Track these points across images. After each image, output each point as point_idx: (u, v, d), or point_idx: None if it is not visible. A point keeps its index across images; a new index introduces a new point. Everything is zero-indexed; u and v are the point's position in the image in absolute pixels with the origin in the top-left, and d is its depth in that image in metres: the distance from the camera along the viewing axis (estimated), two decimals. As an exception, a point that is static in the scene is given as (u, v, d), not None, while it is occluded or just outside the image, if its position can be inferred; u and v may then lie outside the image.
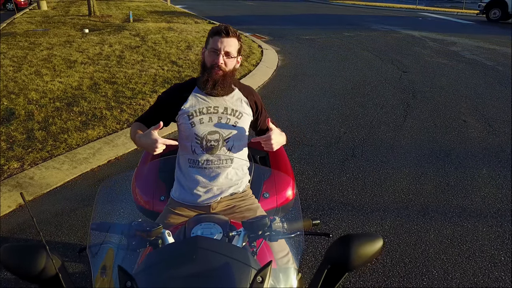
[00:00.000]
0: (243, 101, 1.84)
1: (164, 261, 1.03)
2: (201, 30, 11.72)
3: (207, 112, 1.75)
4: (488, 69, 7.92)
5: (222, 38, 1.68)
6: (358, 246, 1.03)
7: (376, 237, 1.07)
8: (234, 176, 1.81)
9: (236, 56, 1.74)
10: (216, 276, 0.98)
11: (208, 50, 1.72)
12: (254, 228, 1.24)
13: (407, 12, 20.89)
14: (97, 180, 3.53)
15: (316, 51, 9.51)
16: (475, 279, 2.43)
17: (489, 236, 2.84)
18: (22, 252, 0.99)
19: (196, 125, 1.74)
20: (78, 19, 13.82)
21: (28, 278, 0.99)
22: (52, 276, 1.00)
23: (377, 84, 6.74)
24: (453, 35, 12.46)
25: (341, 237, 1.05)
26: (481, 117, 5.22)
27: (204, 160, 1.75)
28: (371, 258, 1.04)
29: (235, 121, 1.78)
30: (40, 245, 1.01)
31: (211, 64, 1.70)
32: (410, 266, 2.53)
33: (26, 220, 2.96)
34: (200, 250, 1.05)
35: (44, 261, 0.98)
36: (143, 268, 1.03)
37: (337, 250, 1.03)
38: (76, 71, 6.76)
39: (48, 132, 4.26)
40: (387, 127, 4.81)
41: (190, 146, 1.76)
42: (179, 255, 1.05)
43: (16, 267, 0.98)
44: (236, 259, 1.03)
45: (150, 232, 1.20)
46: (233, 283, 0.96)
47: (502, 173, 3.73)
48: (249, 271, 1.00)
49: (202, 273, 0.98)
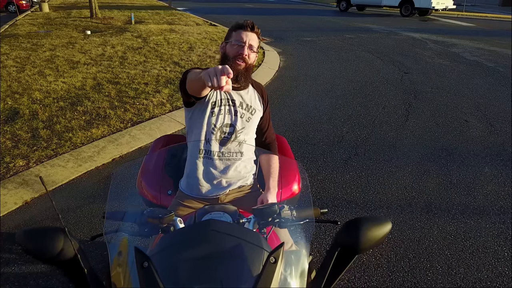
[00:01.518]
0: (256, 97, 1.89)
1: (178, 243, 1.05)
2: (203, 32, 11.77)
3: (226, 104, 1.79)
4: (489, 70, 7.96)
5: (246, 32, 1.74)
6: (367, 229, 1.05)
7: (385, 221, 1.09)
8: (243, 169, 1.83)
9: (256, 50, 1.79)
10: (229, 257, 1.00)
11: (231, 43, 1.75)
12: (264, 215, 1.26)
13: (408, 15, 20.91)
14: (102, 178, 3.55)
15: (318, 53, 9.55)
16: (479, 274, 2.45)
17: (492, 232, 2.86)
18: (41, 234, 1.01)
19: (216, 114, 1.77)
20: (80, 21, 13.88)
21: (47, 260, 1.01)
22: (71, 258, 1.02)
23: (378, 84, 6.77)
24: (454, 37, 12.51)
25: (350, 221, 1.07)
26: (483, 117, 5.24)
27: (216, 151, 1.77)
28: (380, 241, 1.07)
29: (249, 116, 1.83)
30: (58, 228, 1.03)
31: (235, 55, 1.73)
32: (414, 262, 2.55)
33: (33, 216, 2.98)
34: (213, 232, 1.07)
35: (62, 243, 1.00)
36: (158, 250, 1.05)
37: (346, 234, 1.05)
38: (79, 71, 6.80)
39: (52, 130, 4.29)
40: (389, 127, 4.83)
41: (205, 135, 1.77)
42: (193, 237, 1.07)
43: (35, 250, 1.00)
44: (248, 241, 1.05)
45: (162, 219, 1.22)
46: (246, 264, 0.98)
47: (504, 171, 3.75)
48: (262, 253, 1.02)
49: (216, 254, 1.00)
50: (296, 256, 1.07)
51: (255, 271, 0.97)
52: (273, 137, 2.06)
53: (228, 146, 1.78)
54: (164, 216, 1.22)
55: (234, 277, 0.96)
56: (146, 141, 4.29)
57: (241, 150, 1.81)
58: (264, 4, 27.44)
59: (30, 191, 3.26)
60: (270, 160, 1.87)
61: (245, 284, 0.94)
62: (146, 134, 4.41)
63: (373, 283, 2.38)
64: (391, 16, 20.06)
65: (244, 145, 1.81)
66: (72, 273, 1.04)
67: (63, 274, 1.05)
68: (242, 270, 0.98)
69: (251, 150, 1.88)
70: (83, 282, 1.03)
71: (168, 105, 5.26)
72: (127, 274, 1.03)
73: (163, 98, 5.54)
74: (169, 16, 16.33)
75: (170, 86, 6.08)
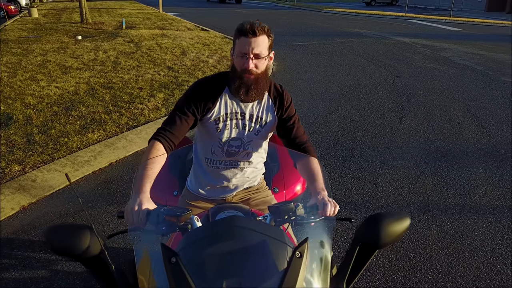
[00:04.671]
0: (270, 109, 1.70)
1: (204, 239, 1.07)
2: (195, 37, 11.79)
3: (234, 118, 1.66)
4: (478, 74, 8.10)
5: (249, 39, 1.50)
6: (387, 225, 1.07)
7: (404, 216, 1.11)
8: (251, 174, 1.82)
9: (268, 54, 1.56)
10: (255, 253, 1.02)
11: (236, 54, 1.56)
12: (281, 213, 1.27)
13: (397, 20, 21.24)
14: (100, 182, 3.53)
15: (310, 57, 9.63)
16: (478, 273, 2.49)
17: (489, 231, 2.90)
18: (68, 232, 1.01)
19: (221, 130, 1.66)
20: (70, 26, 13.80)
21: (73, 257, 1.02)
22: (97, 255, 1.02)
23: (371, 88, 6.85)
24: (442, 41, 12.71)
25: (370, 217, 1.10)
26: (475, 119, 5.33)
27: (223, 161, 1.73)
28: (400, 236, 1.09)
29: (258, 129, 1.71)
30: (84, 225, 1.03)
31: (241, 69, 1.54)
32: (414, 261, 2.58)
33: (31, 221, 2.95)
34: (237, 228, 1.08)
35: (89, 240, 1.01)
36: (184, 246, 1.06)
37: (367, 229, 1.08)
38: (72, 76, 6.76)
39: (48, 135, 4.26)
40: (384, 129, 4.89)
41: (211, 148, 1.71)
42: (218, 233, 1.08)
43: (61, 247, 1.00)
44: (272, 237, 1.06)
45: (180, 217, 1.22)
46: (272, 259, 1.00)
47: (498, 172, 3.82)
48: (286, 248, 1.04)
49: (241, 250, 1.02)
50: (319, 251, 1.09)
51: (281, 266, 0.99)
52: (304, 139, 1.77)
53: (236, 157, 1.73)
54: (182, 214, 1.23)
55: (260, 272, 0.98)
56: (143, 146, 4.27)
57: (249, 160, 1.76)
58: (254, 10, 27.63)
59: (27, 196, 3.23)
60: (308, 164, 1.65)
61: (272, 279, 0.95)
62: (142, 139, 4.40)
63: (375, 282, 2.40)
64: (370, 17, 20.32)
65: (253, 154, 1.76)
66: (98, 270, 1.04)
67: (88, 271, 1.06)
68: (267, 265, 1.00)
69: (261, 155, 1.85)
70: (109, 278, 1.04)
71: (163, 109, 5.25)
72: (153, 270, 1.04)
73: (158, 102, 5.53)
74: (160, 21, 16.32)
75: (165, 91, 6.08)
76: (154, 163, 1.47)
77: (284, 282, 0.94)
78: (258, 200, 1.79)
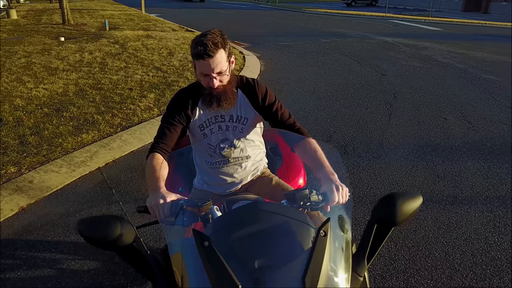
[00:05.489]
0: (246, 105, 1.76)
1: (232, 223, 1.14)
2: (180, 37, 11.76)
3: (215, 122, 1.74)
4: (460, 72, 8.34)
5: (207, 61, 1.52)
6: (402, 203, 1.14)
7: (417, 195, 1.20)
8: (252, 167, 1.90)
9: (228, 65, 1.61)
10: (281, 233, 1.09)
11: (199, 74, 1.60)
12: (296, 199, 1.33)
13: (378, 20, 21.60)
14: (98, 182, 3.52)
15: (296, 57, 9.73)
16: (474, 259, 2.60)
17: (481, 220, 3.03)
18: (100, 222, 1.05)
19: (208, 135, 1.75)
20: (52, 28, 13.58)
21: (107, 247, 1.05)
22: (129, 244, 1.06)
23: (359, 86, 6.98)
24: (424, 40, 13.02)
25: (386, 196, 1.17)
26: (460, 114, 5.51)
27: (222, 161, 1.80)
28: (413, 213, 1.17)
29: (241, 127, 1.77)
30: (116, 216, 1.07)
31: (207, 85, 1.61)
32: (413, 250, 2.68)
33: (31, 222, 2.93)
34: (262, 212, 1.15)
35: (121, 229, 1.04)
36: (212, 232, 1.11)
37: (383, 208, 1.15)
38: (59, 78, 6.67)
39: (41, 137, 4.21)
40: (374, 126, 5.01)
41: (205, 151, 1.80)
42: (244, 217, 1.15)
43: (95, 237, 1.04)
44: (295, 219, 1.13)
45: (201, 208, 1.27)
46: (297, 239, 1.07)
47: (486, 164, 3.97)
48: (309, 229, 1.11)
49: (268, 231, 1.09)
50: (340, 230, 1.15)
51: (306, 245, 1.05)
52: (292, 121, 1.85)
53: (232, 155, 1.80)
54: (203, 204, 1.28)
55: (288, 251, 1.04)
56: (138, 145, 4.28)
57: (246, 154, 1.83)
58: (236, 10, 27.67)
59: (26, 197, 3.20)
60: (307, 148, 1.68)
61: (300, 257, 1.02)
62: (137, 138, 4.40)
63: (378, 271, 2.48)
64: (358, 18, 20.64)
65: (247, 148, 1.83)
66: (131, 258, 1.08)
67: (122, 259, 1.09)
68: (294, 245, 1.06)
69: (258, 148, 1.92)
70: (143, 265, 1.08)
71: (156, 109, 5.25)
72: (185, 255, 1.08)
73: (150, 102, 5.52)
74: (144, 22, 16.20)
75: (155, 91, 6.07)
76: (161, 168, 1.55)
77: (311, 259, 1.01)
78: (266, 189, 1.85)
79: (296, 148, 1.75)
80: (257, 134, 1.88)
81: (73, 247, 2.67)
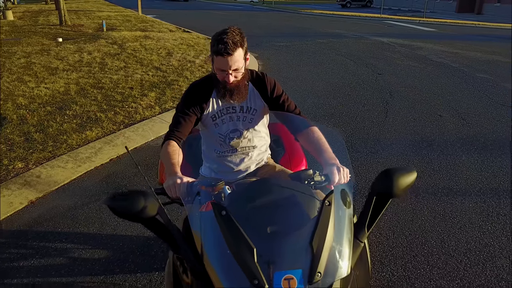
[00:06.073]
0: (256, 97, 1.88)
1: (245, 196, 1.27)
2: (178, 38, 11.85)
3: (227, 113, 1.85)
4: (454, 71, 8.50)
5: (226, 59, 1.62)
6: (399, 177, 1.26)
7: (412, 170, 1.32)
8: (257, 157, 2.01)
9: (244, 62, 1.71)
10: (290, 204, 1.23)
11: (216, 69, 1.69)
12: (301, 178, 1.45)
13: (373, 21, 21.81)
14: (103, 177, 3.61)
15: (293, 57, 9.86)
16: (468, 246, 2.72)
17: (475, 210, 3.15)
18: (127, 196, 1.15)
19: (219, 125, 1.86)
20: (49, 29, 13.63)
21: (131, 218, 1.15)
22: (152, 216, 1.16)
23: (355, 85, 7.11)
24: (418, 40, 13.19)
25: (384, 171, 1.29)
26: (454, 112, 5.65)
27: (229, 150, 1.92)
28: (409, 186, 1.29)
29: (251, 117, 1.89)
30: (141, 191, 1.17)
31: (223, 80, 1.71)
32: (410, 238, 2.80)
33: (41, 214, 3.02)
34: (273, 185, 1.29)
35: (146, 202, 1.14)
36: (229, 203, 1.24)
37: (382, 181, 1.27)
38: (60, 77, 6.75)
39: (46, 134, 4.30)
40: (371, 123, 5.13)
41: (215, 141, 1.91)
42: (257, 190, 1.28)
43: (122, 210, 1.14)
44: (302, 192, 1.27)
45: (214, 187, 1.39)
46: (304, 209, 1.21)
47: (479, 158, 4.10)
48: (314, 200, 1.25)
49: (278, 202, 1.22)
50: (343, 201, 1.27)
51: (312, 214, 1.19)
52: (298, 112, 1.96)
53: (239, 145, 1.91)
54: (216, 184, 1.39)
55: (297, 219, 1.18)
56: (141, 142, 4.37)
57: (253, 144, 1.95)
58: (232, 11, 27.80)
59: (34, 191, 3.29)
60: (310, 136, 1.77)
61: (307, 224, 1.16)
62: (139, 135, 4.49)
63: (377, 258, 2.60)
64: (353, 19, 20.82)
65: (254, 139, 1.94)
66: (155, 229, 1.18)
67: (148, 229, 1.19)
68: (302, 213, 1.20)
69: (264, 139, 2.04)
70: (167, 235, 1.18)
71: (157, 108, 5.34)
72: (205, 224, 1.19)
73: (151, 101, 5.62)
74: (141, 23, 16.28)
75: (156, 90, 6.16)
76: (177, 155, 1.67)
77: (318, 226, 1.14)
78: (271, 172, 1.96)
79: (299, 136, 1.86)
80: (263, 125, 2.00)
81: (83, 237, 2.76)
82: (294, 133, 1.91)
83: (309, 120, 1.90)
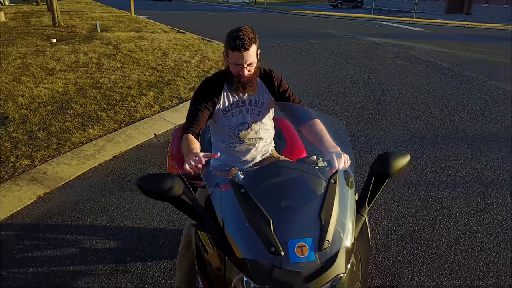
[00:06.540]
0: (264, 91, 2.03)
1: (260, 176, 1.43)
2: (172, 39, 11.95)
3: (237, 106, 1.99)
4: (444, 69, 8.73)
5: (242, 53, 1.75)
6: (394, 159, 1.43)
7: (406, 154, 1.49)
8: (263, 148, 2.16)
9: (257, 58, 1.85)
10: (299, 183, 1.40)
11: (231, 63, 1.82)
12: (306, 163, 1.60)
13: (364, 21, 22.08)
14: (108, 173, 3.73)
15: (287, 57, 10.03)
16: (458, 233, 2.89)
17: (464, 201, 3.33)
18: (155, 177, 1.29)
19: (229, 118, 2.00)
20: (42, 30, 13.63)
21: (159, 198, 1.29)
22: (179, 195, 1.31)
23: (348, 84, 7.29)
24: (409, 40, 13.45)
25: (381, 154, 1.45)
26: (444, 109, 5.85)
27: (237, 142, 2.06)
28: (403, 167, 1.46)
29: (259, 110, 2.03)
30: (167, 173, 1.31)
31: (237, 74, 1.85)
32: (404, 226, 2.96)
33: (50, 208, 3.13)
34: (283, 168, 1.45)
35: (170, 183, 1.28)
36: (246, 182, 1.40)
37: (380, 163, 1.43)
38: (58, 77, 6.83)
39: (49, 132, 4.40)
40: (365, 120, 5.30)
41: (224, 133, 2.05)
42: (270, 172, 1.44)
43: (151, 190, 1.28)
44: (310, 173, 1.44)
45: (229, 172, 1.53)
46: (312, 187, 1.38)
47: (468, 152, 4.29)
48: (321, 179, 1.42)
49: (289, 181, 1.39)
50: (346, 181, 1.43)
51: (319, 191, 1.36)
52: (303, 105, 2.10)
53: (247, 136, 2.06)
54: (230, 169, 1.54)
55: (306, 196, 1.35)
56: (142, 140, 4.49)
57: (259, 136, 2.10)
58: (224, 12, 27.91)
59: (42, 187, 3.40)
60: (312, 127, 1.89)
61: (315, 200, 1.32)
62: (141, 133, 4.61)
63: (373, 244, 2.75)
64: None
65: (261, 131, 2.09)
66: (182, 206, 1.33)
67: (175, 207, 1.34)
68: (310, 191, 1.37)
69: (269, 131, 2.20)
70: (192, 212, 1.33)
71: (156, 106, 5.46)
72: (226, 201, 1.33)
73: (150, 100, 5.73)
74: (134, 24, 16.34)
75: (154, 89, 6.28)
76: (195, 144, 1.80)
77: (325, 201, 1.31)
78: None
79: (303, 128, 2.01)
80: (269, 118, 2.15)
81: (93, 230, 2.88)
82: (298, 124, 2.05)
83: (312, 112, 2.05)
